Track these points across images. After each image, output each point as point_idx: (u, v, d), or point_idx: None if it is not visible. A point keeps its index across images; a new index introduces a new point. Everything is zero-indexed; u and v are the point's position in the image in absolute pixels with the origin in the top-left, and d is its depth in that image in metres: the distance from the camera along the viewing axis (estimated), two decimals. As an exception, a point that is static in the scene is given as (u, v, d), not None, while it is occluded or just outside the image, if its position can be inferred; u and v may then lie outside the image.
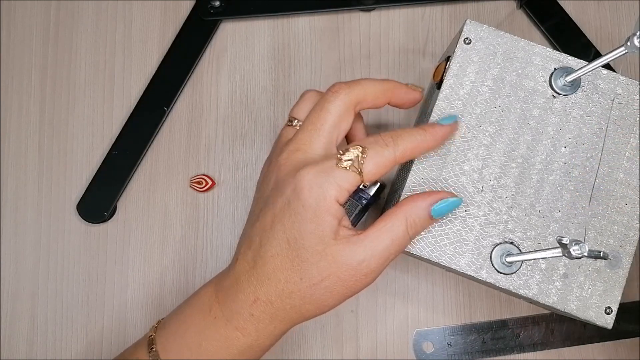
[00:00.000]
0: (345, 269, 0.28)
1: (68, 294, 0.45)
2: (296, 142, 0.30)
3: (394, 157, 0.29)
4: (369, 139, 0.30)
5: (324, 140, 0.30)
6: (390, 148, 0.29)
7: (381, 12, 0.48)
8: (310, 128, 0.30)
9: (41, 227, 0.45)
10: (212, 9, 0.47)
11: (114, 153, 0.45)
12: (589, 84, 0.35)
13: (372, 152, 0.29)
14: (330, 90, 0.31)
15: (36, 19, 0.48)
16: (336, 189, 0.28)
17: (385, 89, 0.32)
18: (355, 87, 0.31)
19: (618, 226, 0.34)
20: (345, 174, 0.28)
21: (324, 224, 0.28)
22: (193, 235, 0.45)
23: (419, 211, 0.30)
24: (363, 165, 0.29)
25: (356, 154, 0.29)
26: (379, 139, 0.30)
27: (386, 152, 0.29)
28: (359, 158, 0.29)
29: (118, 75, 0.47)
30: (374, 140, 0.30)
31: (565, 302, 0.33)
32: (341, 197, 0.28)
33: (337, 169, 0.28)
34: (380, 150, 0.29)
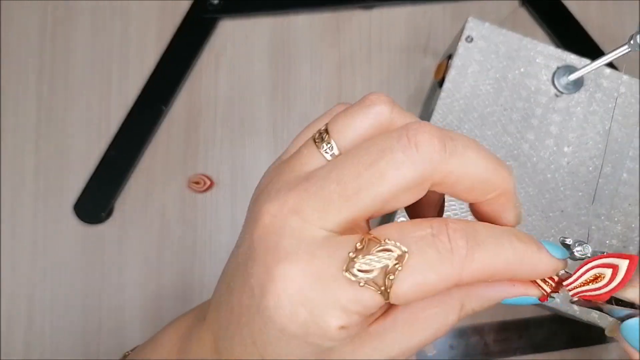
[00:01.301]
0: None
1: (65, 295, 0.44)
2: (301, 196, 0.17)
3: (457, 279, 0.16)
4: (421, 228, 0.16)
5: (348, 215, 0.16)
6: (456, 263, 0.15)
7: (382, 10, 0.48)
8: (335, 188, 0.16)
9: (38, 227, 0.45)
10: (211, 7, 0.46)
11: (111, 153, 0.45)
12: (592, 83, 0.35)
13: (416, 260, 0.15)
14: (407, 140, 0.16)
15: (33, 19, 0.47)
16: (338, 315, 0.16)
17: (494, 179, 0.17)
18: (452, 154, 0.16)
19: (621, 227, 0.34)
20: (355, 292, 0.15)
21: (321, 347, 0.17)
22: (191, 236, 0.45)
23: (485, 301, 0.18)
24: (394, 282, 0.15)
25: (387, 263, 0.15)
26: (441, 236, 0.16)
27: (446, 265, 0.15)
28: (390, 271, 0.15)
29: (115, 74, 0.47)
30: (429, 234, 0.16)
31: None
32: (348, 322, 0.16)
33: (343, 281, 0.16)
34: (436, 260, 0.15)
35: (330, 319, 0.16)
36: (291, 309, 0.16)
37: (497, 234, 0.17)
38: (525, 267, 0.17)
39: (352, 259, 0.16)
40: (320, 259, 0.16)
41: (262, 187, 0.20)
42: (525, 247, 0.17)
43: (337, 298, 0.16)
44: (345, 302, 0.16)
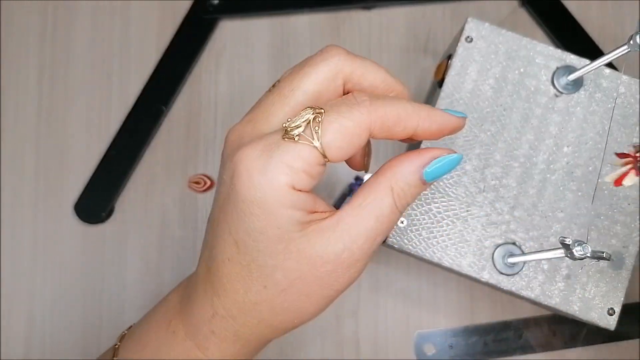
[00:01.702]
0: (320, 264, 0.21)
1: (65, 295, 0.44)
2: (252, 111, 0.23)
3: (368, 121, 0.20)
4: (334, 99, 0.22)
5: (287, 110, 0.22)
6: (363, 109, 0.20)
7: (382, 10, 0.48)
8: (275, 93, 0.22)
9: (38, 227, 0.45)
10: (211, 7, 0.46)
11: (111, 153, 0.45)
12: (592, 83, 0.35)
13: (333, 115, 0.20)
14: (320, 51, 0.23)
15: (33, 19, 0.48)
16: (285, 171, 0.20)
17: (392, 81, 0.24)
18: (355, 58, 0.23)
19: (621, 226, 0.34)
20: (295, 148, 0.20)
21: (279, 221, 0.20)
22: (192, 236, 0.45)
23: (407, 176, 0.22)
24: (320, 133, 0.20)
25: (307, 117, 0.20)
26: (348, 97, 0.21)
27: (356, 113, 0.20)
28: (313, 123, 0.20)
29: (116, 74, 0.47)
30: (340, 99, 0.21)
31: (568, 303, 0.33)
32: (297, 181, 0.20)
33: (284, 143, 0.20)
34: (347, 111, 0.20)
35: (278, 175, 0.20)
36: (248, 176, 0.20)
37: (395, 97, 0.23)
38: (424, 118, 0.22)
39: (285, 126, 0.20)
40: (267, 138, 0.21)
41: None
42: (420, 105, 0.22)
43: (282, 158, 0.20)
44: (288, 160, 0.20)
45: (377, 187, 0.22)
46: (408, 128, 0.22)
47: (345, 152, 0.21)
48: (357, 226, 0.21)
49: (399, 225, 0.33)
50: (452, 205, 0.34)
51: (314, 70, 0.22)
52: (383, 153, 0.46)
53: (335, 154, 0.20)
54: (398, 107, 0.21)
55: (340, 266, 0.22)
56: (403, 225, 0.33)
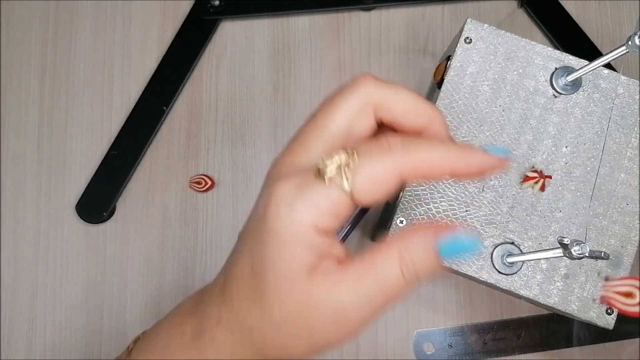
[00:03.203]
0: (317, 315, 0.21)
1: (67, 295, 0.44)
2: (292, 143, 0.24)
3: (400, 168, 0.20)
4: (367, 141, 0.22)
5: (322, 142, 0.23)
6: (395, 155, 0.20)
7: (381, 12, 0.48)
8: (311, 126, 0.23)
9: (40, 227, 0.45)
10: (212, 8, 0.46)
11: (113, 153, 0.45)
12: (590, 84, 0.35)
13: (365, 160, 0.20)
14: (350, 80, 0.23)
15: (35, 19, 0.48)
16: (312, 211, 0.20)
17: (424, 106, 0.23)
18: (383, 86, 0.23)
19: (619, 226, 0.34)
20: (326, 191, 0.20)
21: (291, 257, 0.21)
22: (192, 236, 0.45)
23: (419, 248, 0.21)
24: (351, 178, 0.20)
25: (341, 161, 0.20)
26: (380, 142, 0.21)
27: (388, 160, 0.20)
28: (346, 167, 0.20)
29: (117, 75, 0.47)
30: (373, 144, 0.21)
31: (567, 302, 0.33)
32: (322, 222, 0.20)
33: (316, 183, 0.21)
34: (379, 157, 0.20)
35: (303, 212, 0.20)
36: (276, 208, 0.21)
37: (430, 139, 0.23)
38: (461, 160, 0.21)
39: (318, 167, 0.21)
40: (302, 175, 0.21)
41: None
42: (456, 145, 0.21)
43: (311, 197, 0.20)
44: (317, 200, 0.20)
45: (386, 250, 0.21)
46: (443, 172, 0.21)
47: (375, 197, 0.21)
48: (358, 285, 0.21)
49: (398, 225, 0.34)
50: (451, 205, 0.34)
51: (344, 102, 0.23)
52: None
53: (364, 198, 0.21)
54: (432, 152, 0.21)
55: (332, 322, 0.21)
56: (402, 225, 0.34)
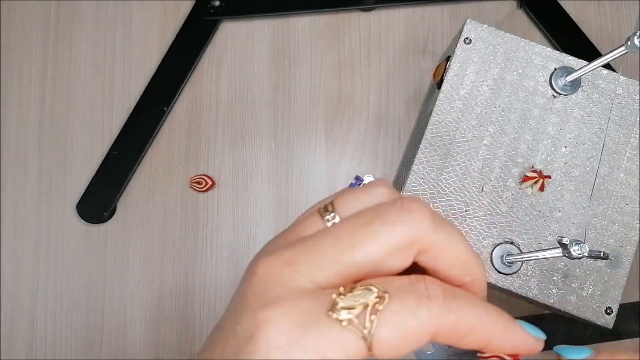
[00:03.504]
0: None
1: (68, 294, 0.45)
2: (297, 250, 0.18)
3: (436, 325, 0.16)
4: (401, 279, 0.17)
5: (339, 269, 0.17)
6: (434, 307, 0.16)
7: (381, 12, 0.48)
8: (330, 238, 0.17)
9: (41, 227, 0.45)
10: (212, 9, 0.47)
11: (113, 153, 0.45)
12: (589, 84, 0.35)
13: (397, 305, 0.16)
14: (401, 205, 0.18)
15: (36, 20, 0.48)
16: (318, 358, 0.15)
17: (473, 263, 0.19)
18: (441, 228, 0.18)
19: (618, 226, 0.34)
20: (339, 335, 0.16)
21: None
22: (193, 236, 0.45)
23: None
24: (375, 324, 0.16)
25: (367, 301, 0.16)
26: (418, 285, 0.17)
27: (424, 312, 0.16)
28: (372, 309, 0.16)
29: (118, 75, 0.47)
30: (408, 283, 0.17)
31: (566, 302, 0.33)
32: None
33: (326, 321, 0.16)
34: (415, 305, 0.16)
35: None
36: (267, 351, 0.15)
37: (472, 295, 0.18)
38: (500, 332, 0.17)
39: (335, 300, 0.16)
40: (305, 304, 0.16)
41: (263, 248, 0.20)
42: (499, 314, 0.18)
43: (317, 341, 0.15)
44: (325, 346, 0.15)
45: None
46: (479, 341, 0.17)
47: (398, 352, 0.16)
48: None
49: None
50: (451, 205, 0.34)
51: (386, 232, 0.17)
52: (382, 152, 0.46)
53: (384, 352, 0.16)
54: (475, 315, 0.17)
55: None
56: None
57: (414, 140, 0.40)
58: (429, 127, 0.34)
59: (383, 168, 0.46)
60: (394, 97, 0.47)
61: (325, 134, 0.46)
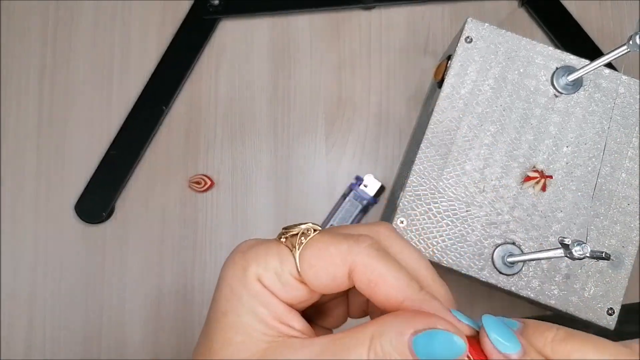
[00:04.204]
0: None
1: (66, 295, 0.44)
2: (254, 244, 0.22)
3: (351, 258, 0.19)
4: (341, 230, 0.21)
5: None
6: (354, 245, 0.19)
7: (382, 11, 0.48)
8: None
9: (39, 227, 0.45)
10: (211, 8, 0.46)
11: (112, 153, 0.45)
12: (591, 83, 0.35)
13: (325, 236, 0.20)
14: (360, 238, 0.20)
15: (35, 19, 0.48)
16: (259, 262, 0.20)
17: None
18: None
19: (620, 226, 0.34)
20: (278, 248, 0.20)
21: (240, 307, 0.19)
22: (192, 236, 0.45)
23: (393, 336, 0.18)
24: (302, 246, 0.20)
25: (302, 227, 0.20)
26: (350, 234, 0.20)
27: (344, 245, 0.19)
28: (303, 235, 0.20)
29: (116, 74, 0.47)
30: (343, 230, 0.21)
31: (567, 303, 0.33)
32: (265, 278, 0.20)
33: (274, 241, 0.21)
34: (340, 239, 0.20)
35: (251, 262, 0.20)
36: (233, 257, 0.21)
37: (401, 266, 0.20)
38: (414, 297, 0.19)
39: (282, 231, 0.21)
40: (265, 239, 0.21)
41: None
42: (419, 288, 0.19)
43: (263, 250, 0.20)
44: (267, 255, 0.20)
45: (359, 332, 0.18)
46: (390, 298, 0.19)
47: (317, 273, 0.19)
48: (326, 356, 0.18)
49: (399, 225, 0.33)
50: (452, 205, 0.34)
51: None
52: (382, 152, 0.46)
53: (306, 271, 0.19)
54: (390, 269, 0.19)
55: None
56: (403, 225, 0.33)
57: (414, 140, 0.40)
58: (430, 127, 0.34)
59: (383, 168, 0.45)
60: (394, 97, 0.47)
61: (325, 134, 0.46)
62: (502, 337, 0.18)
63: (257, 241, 0.21)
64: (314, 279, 0.19)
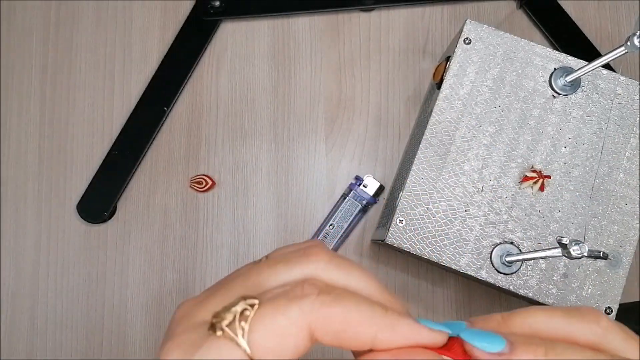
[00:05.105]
0: None
1: (68, 294, 0.45)
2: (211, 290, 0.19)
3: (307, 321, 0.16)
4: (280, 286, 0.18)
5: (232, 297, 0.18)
6: (304, 305, 0.16)
7: (381, 12, 0.48)
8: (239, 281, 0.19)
9: (41, 227, 0.45)
10: (212, 9, 0.47)
11: (113, 153, 0.45)
12: (589, 84, 0.35)
13: (268, 308, 0.17)
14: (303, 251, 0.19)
15: (36, 19, 0.48)
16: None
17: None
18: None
19: (618, 226, 0.34)
20: (217, 347, 0.16)
21: None
22: (193, 235, 0.45)
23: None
24: (246, 329, 0.16)
25: (236, 310, 0.17)
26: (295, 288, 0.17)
27: (294, 309, 0.16)
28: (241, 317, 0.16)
29: (118, 75, 0.47)
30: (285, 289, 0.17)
31: (565, 302, 0.33)
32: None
33: (208, 339, 0.16)
34: (285, 305, 0.17)
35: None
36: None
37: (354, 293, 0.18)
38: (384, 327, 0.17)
39: (212, 320, 0.17)
40: (197, 332, 0.17)
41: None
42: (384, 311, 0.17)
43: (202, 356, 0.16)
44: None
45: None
46: (362, 338, 0.17)
47: (277, 352, 0.16)
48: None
49: (398, 225, 0.34)
50: (451, 205, 0.34)
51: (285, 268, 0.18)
52: (382, 152, 0.46)
53: (265, 353, 0.16)
54: (351, 310, 0.17)
55: None
56: (402, 224, 0.34)
57: (413, 140, 0.40)
58: (429, 127, 0.35)
59: (383, 168, 0.46)
60: (394, 97, 0.47)
61: (325, 134, 0.47)
62: (487, 341, 0.17)
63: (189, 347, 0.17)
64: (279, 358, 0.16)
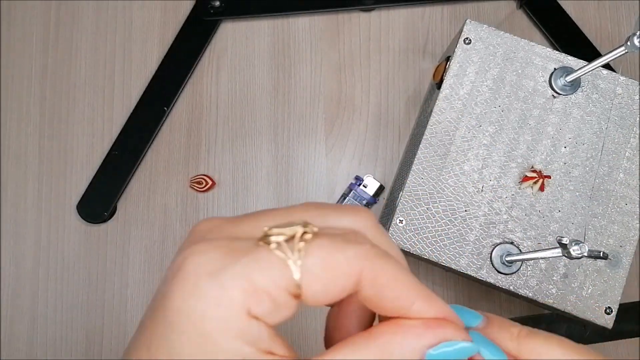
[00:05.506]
0: None
1: (68, 294, 0.45)
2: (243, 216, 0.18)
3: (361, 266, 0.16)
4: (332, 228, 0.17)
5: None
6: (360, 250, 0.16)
7: (381, 12, 0.48)
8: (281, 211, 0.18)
9: (41, 227, 0.45)
10: (212, 9, 0.47)
11: (114, 153, 0.45)
12: (589, 84, 0.35)
13: (326, 240, 0.16)
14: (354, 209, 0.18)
15: (36, 19, 0.48)
16: (244, 286, 0.15)
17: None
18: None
19: (618, 226, 0.34)
20: (268, 259, 0.15)
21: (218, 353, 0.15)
22: (193, 236, 0.45)
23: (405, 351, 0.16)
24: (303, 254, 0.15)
25: (296, 231, 0.16)
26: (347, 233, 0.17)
27: (351, 250, 0.16)
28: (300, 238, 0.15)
29: (118, 75, 0.47)
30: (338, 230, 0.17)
31: (565, 302, 0.33)
32: (256, 304, 0.15)
33: (257, 249, 0.15)
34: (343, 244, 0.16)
35: (233, 288, 0.14)
36: (194, 279, 0.15)
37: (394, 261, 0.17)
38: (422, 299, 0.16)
39: (266, 231, 0.16)
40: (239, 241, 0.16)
41: None
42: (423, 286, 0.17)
43: (246, 267, 0.15)
44: (254, 271, 0.15)
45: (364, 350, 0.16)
46: (401, 298, 0.16)
47: (324, 287, 0.15)
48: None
49: (398, 225, 0.34)
50: (451, 205, 0.34)
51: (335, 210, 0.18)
52: (382, 152, 0.46)
53: (312, 284, 0.15)
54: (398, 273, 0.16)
55: None
56: (402, 224, 0.34)
57: (413, 140, 0.40)
58: (429, 127, 0.35)
59: (383, 168, 0.46)
60: (394, 97, 0.47)
61: (325, 134, 0.47)
62: (493, 355, 0.17)
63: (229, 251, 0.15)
64: (322, 294, 0.15)
